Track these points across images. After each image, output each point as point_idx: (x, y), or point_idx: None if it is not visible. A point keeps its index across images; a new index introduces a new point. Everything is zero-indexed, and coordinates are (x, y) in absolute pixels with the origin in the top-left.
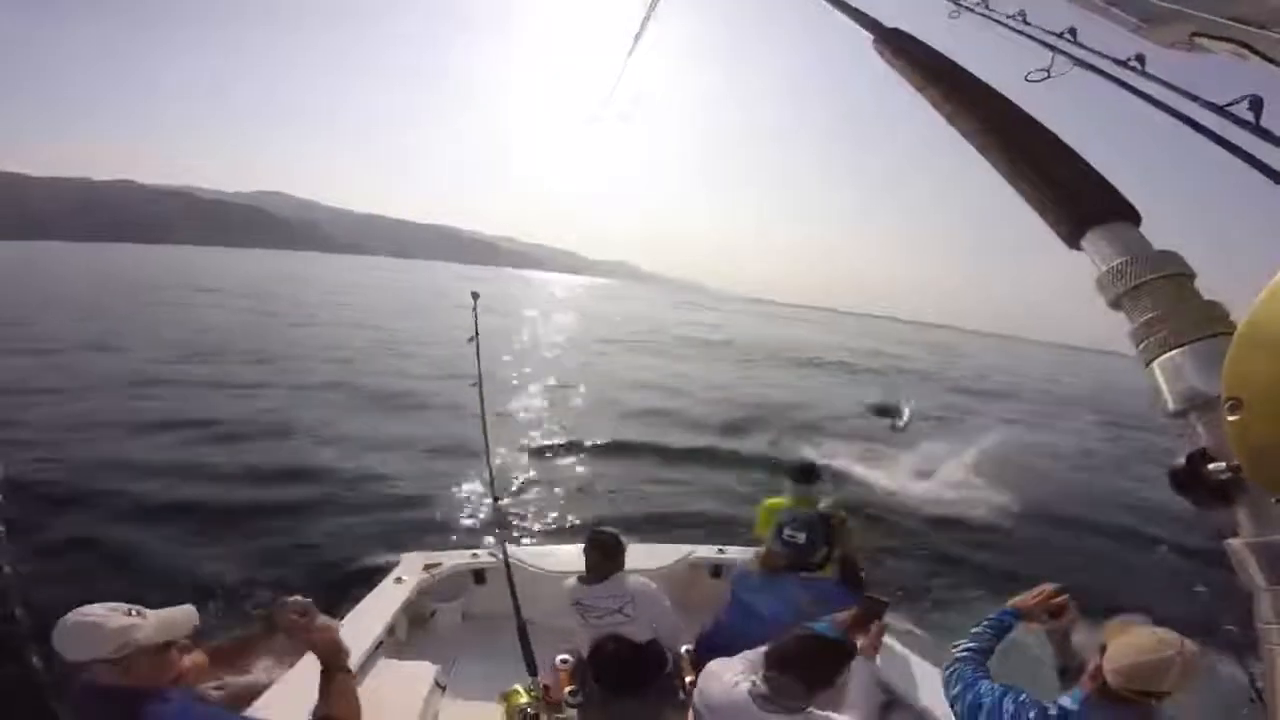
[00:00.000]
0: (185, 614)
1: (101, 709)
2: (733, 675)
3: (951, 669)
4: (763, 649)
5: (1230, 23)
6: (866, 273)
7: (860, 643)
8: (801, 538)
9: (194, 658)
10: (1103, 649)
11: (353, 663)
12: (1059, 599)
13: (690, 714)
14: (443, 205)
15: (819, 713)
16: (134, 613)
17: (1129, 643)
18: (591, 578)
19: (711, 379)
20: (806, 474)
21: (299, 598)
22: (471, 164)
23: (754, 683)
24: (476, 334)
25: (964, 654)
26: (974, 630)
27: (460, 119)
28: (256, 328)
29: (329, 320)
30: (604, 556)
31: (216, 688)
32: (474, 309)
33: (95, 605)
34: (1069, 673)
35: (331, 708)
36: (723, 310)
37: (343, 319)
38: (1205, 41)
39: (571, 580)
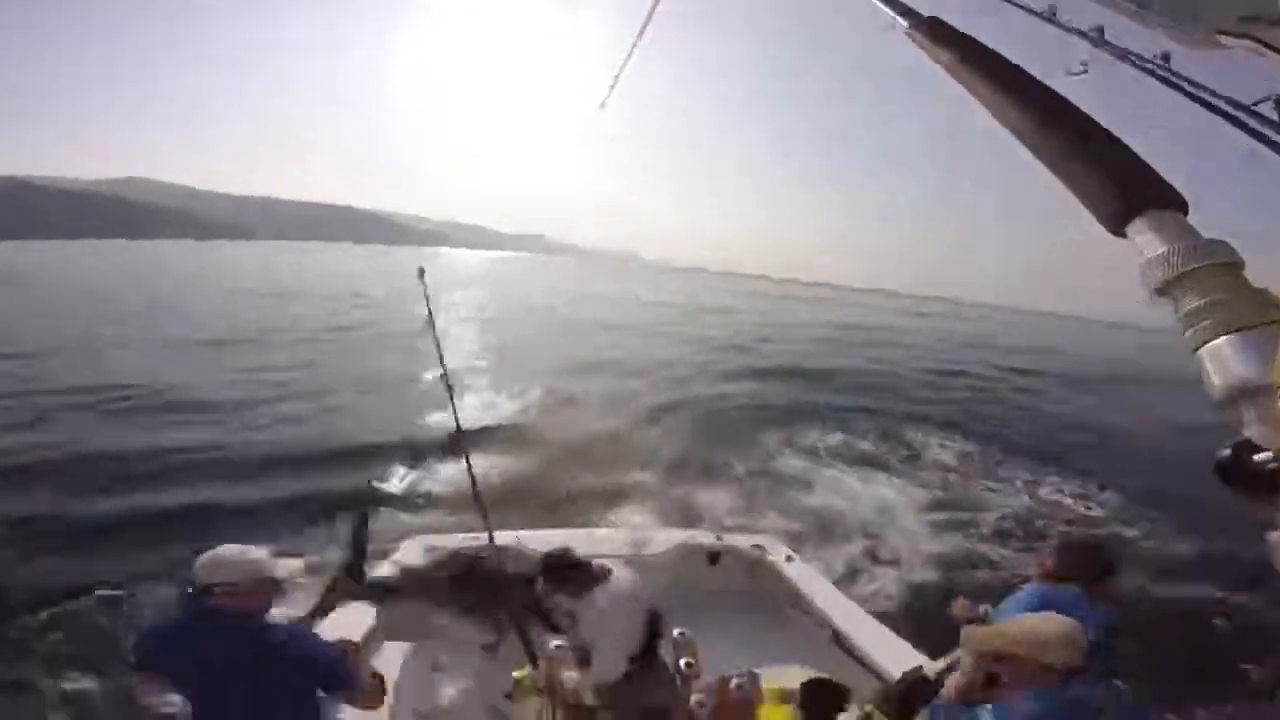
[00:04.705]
0: (299, 564)
1: (231, 624)
2: None
3: None
4: None
5: (1254, 21)
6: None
7: None
8: None
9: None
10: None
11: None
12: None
13: None
14: (342, 185)
15: None
16: (270, 553)
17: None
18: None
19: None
20: None
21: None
22: (364, 137)
23: None
24: (430, 314)
25: None
26: None
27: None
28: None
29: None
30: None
31: None
32: (425, 292)
33: (235, 545)
34: None
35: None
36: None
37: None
38: (1228, 40)
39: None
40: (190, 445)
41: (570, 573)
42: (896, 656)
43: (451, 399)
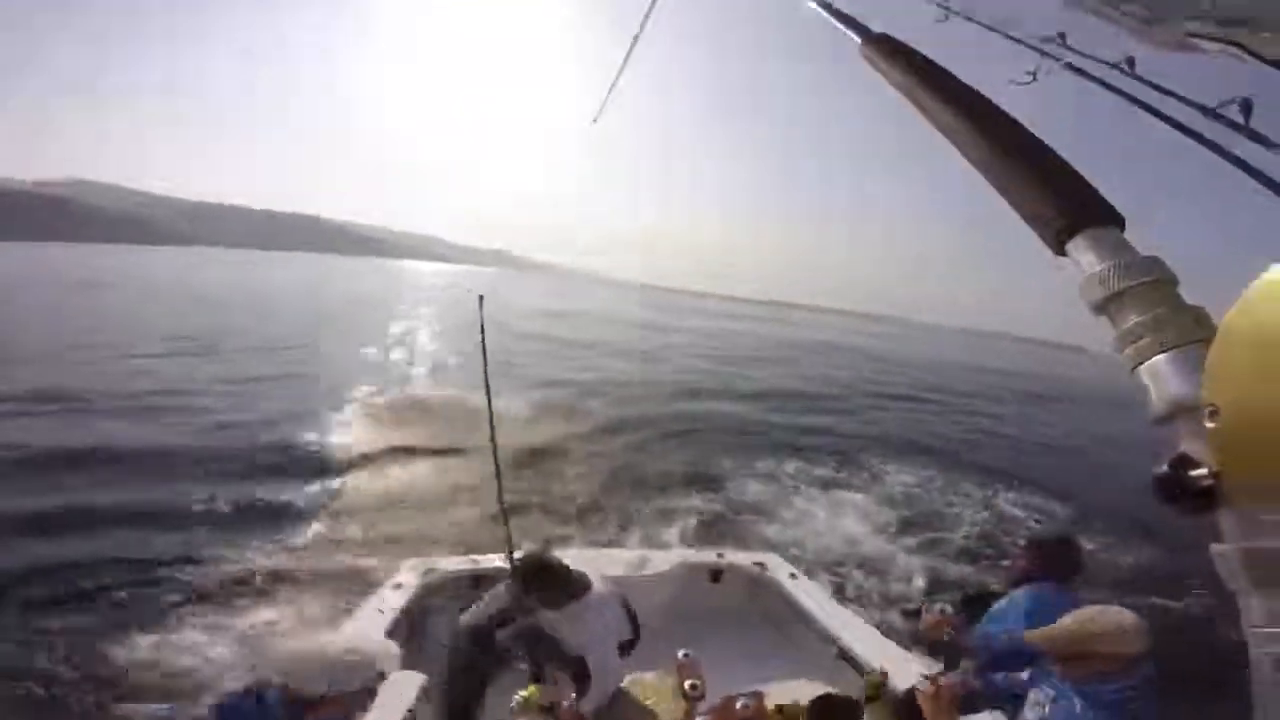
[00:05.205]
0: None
1: None
2: None
3: None
4: None
5: (1223, 25)
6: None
7: None
8: None
9: None
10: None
11: None
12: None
13: None
14: (300, 192)
15: None
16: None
17: None
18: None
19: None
20: None
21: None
22: (334, 147)
23: None
24: (483, 335)
25: None
26: None
27: (319, 93)
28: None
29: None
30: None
31: None
32: (480, 312)
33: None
34: None
35: None
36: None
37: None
38: (1199, 42)
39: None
40: (120, 449)
41: (549, 580)
42: (904, 670)
43: (490, 409)
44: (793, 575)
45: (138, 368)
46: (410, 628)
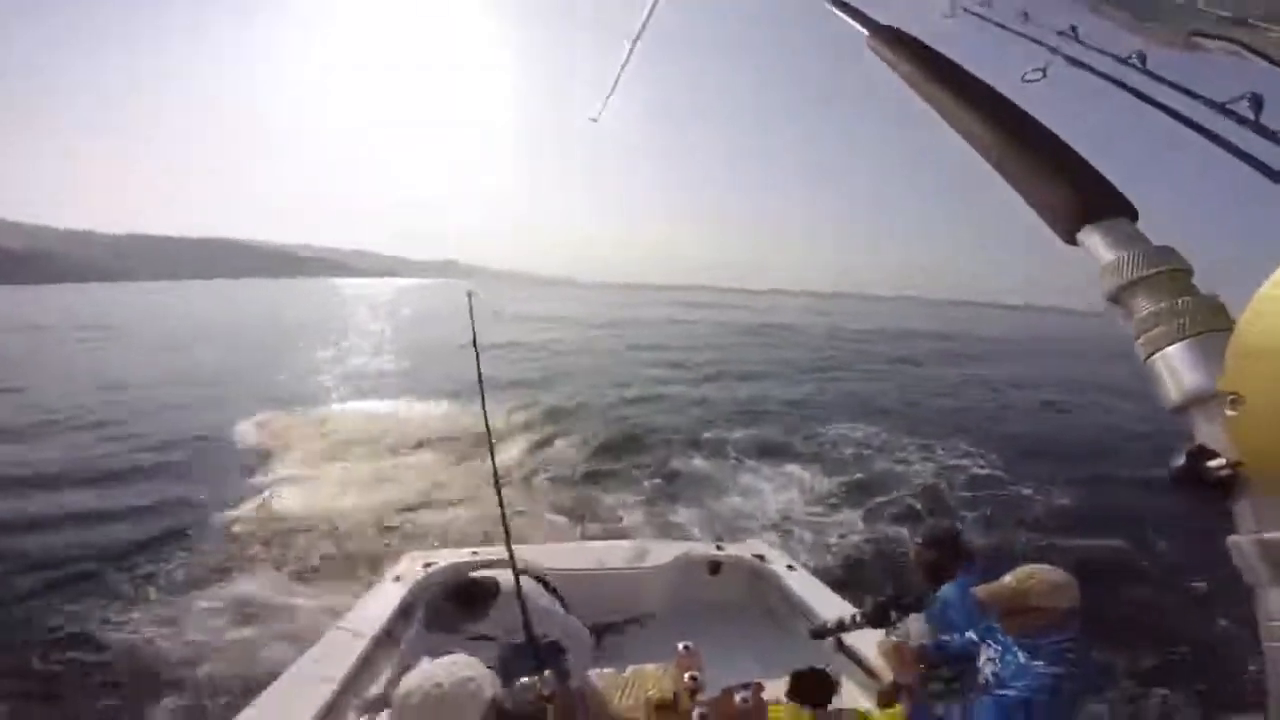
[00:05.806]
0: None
1: None
2: None
3: None
4: None
5: (1228, 21)
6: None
7: None
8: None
9: None
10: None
11: (350, 661)
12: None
13: None
14: (235, 219)
15: None
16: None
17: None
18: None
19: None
20: None
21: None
22: (254, 165)
23: None
24: (474, 335)
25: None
26: None
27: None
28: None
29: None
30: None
31: None
32: (470, 311)
33: (443, 664)
34: None
35: None
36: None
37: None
38: (1204, 41)
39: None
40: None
41: (469, 597)
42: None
43: (485, 408)
44: (790, 567)
45: (90, 402)
46: (408, 620)
